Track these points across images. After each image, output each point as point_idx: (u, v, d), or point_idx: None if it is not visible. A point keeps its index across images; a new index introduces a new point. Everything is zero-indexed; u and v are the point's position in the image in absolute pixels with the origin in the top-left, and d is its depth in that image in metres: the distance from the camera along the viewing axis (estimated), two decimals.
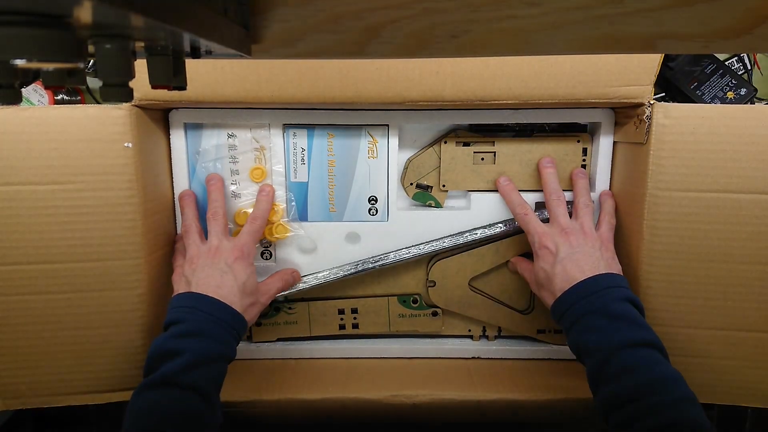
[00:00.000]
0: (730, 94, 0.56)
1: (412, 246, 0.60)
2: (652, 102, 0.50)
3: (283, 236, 0.59)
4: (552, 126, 0.59)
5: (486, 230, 0.59)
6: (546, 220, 0.59)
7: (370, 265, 0.59)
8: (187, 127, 0.58)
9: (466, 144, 0.59)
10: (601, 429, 0.58)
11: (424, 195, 0.60)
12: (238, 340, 0.48)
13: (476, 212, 0.60)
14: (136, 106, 0.50)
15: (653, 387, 0.40)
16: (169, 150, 0.58)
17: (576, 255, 0.49)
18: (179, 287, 0.50)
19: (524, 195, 0.59)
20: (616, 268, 0.51)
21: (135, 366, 0.54)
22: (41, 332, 0.52)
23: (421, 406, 0.55)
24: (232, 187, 0.59)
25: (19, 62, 0.16)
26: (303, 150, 0.58)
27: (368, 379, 0.57)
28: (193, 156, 0.58)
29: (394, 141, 0.58)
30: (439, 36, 0.26)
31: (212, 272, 0.48)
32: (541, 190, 0.59)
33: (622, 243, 0.56)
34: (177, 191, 0.58)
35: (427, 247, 0.59)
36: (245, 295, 0.49)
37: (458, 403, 0.55)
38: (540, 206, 0.60)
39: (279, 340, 0.63)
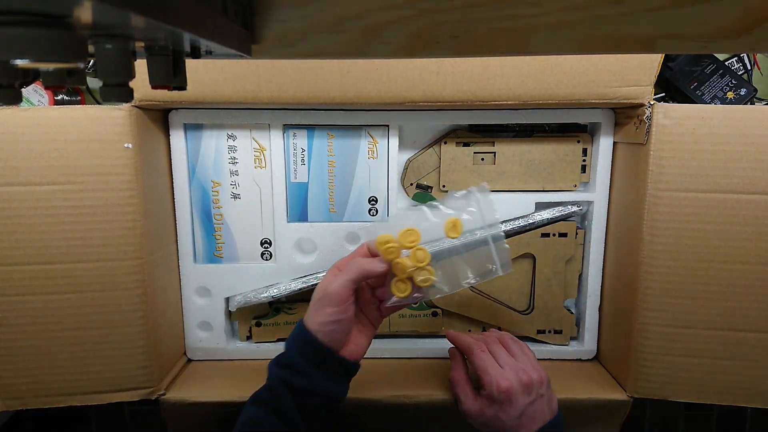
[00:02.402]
0: (730, 94, 0.56)
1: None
2: (652, 102, 0.50)
3: (427, 282, 0.45)
4: (552, 126, 0.59)
5: (486, 230, 0.59)
6: (545, 223, 0.60)
7: None
8: (187, 127, 0.58)
9: (466, 144, 0.59)
10: (601, 429, 0.58)
11: (424, 195, 0.60)
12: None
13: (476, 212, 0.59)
14: (135, 106, 0.50)
15: None
16: (169, 150, 0.58)
17: (532, 407, 0.47)
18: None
19: (524, 195, 0.59)
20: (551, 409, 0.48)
21: (135, 366, 0.54)
22: (41, 332, 0.52)
23: (421, 406, 0.55)
24: (232, 188, 0.59)
25: (19, 62, 0.16)
26: (303, 150, 0.58)
27: (368, 379, 0.57)
28: (193, 157, 0.58)
29: (394, 141, 0.58)
30: (439, 36, 0.26)
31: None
32: (540, 191, 0.59)
33: (622, 243, 0.56)
34: (177, 191, 0.58)
35: (427, 247, 0.59)
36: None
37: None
38: (540, 206, 0.60)
39: (279, 340, 0.63)
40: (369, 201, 0.60)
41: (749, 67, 0.58)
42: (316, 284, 0.60)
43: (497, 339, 0.52)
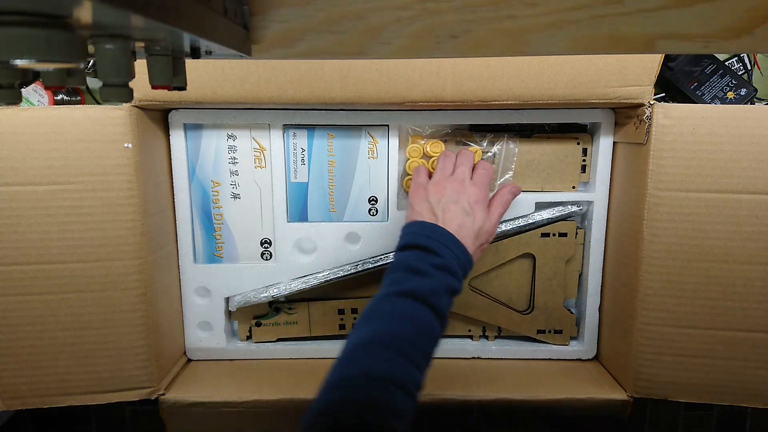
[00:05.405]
0: (730, 94, 0.56)
1: None
2: (652, 102, 0.50)
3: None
4: (552, 126, 0.59)
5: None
6: (545, 223, 0.60)
7: (370, 265, 0.59)
8: (187, 127, 0.58)
9: (466, 144, 0.59)
10: (601, 429, 0.58)
11: None
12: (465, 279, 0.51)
13: None
14: (136, 106, 0.50)
15: None
16: (169, 150, 0.58)
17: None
18: (422, 210, 0.50)
19: (524, 195, 0.59)
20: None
21: (135, 366, 0.54)
22: (41, 332, 0.52)
23: (421, 406, 0.55)
24: (232, 188, 0.59)
25: (20, 62, 0.16)
26: (303, 150, 0.58)
27: None
28: (193, 157, 0.58)
29: (394, 141, 0.58)
30: (439, 36, 0.26)
31: (457, 211, 0.49)
32: (540, 191, 0.59)
33: (622, 243, 0.56)
34: (177, 191, 0.59)
35: None
36: (477, 239, 0.51)
37: (458, 403, 0.55)
38: (540, 206, 0.60)
39: (279, 340, 0.63)
40: (369, 201, 0.60)
41: (749, 67, 0.58)
42: (316, 284, 0.60)
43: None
